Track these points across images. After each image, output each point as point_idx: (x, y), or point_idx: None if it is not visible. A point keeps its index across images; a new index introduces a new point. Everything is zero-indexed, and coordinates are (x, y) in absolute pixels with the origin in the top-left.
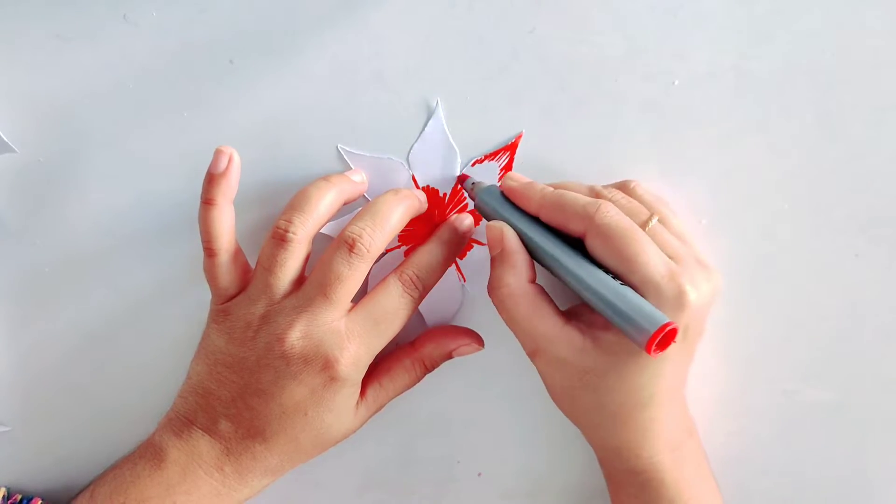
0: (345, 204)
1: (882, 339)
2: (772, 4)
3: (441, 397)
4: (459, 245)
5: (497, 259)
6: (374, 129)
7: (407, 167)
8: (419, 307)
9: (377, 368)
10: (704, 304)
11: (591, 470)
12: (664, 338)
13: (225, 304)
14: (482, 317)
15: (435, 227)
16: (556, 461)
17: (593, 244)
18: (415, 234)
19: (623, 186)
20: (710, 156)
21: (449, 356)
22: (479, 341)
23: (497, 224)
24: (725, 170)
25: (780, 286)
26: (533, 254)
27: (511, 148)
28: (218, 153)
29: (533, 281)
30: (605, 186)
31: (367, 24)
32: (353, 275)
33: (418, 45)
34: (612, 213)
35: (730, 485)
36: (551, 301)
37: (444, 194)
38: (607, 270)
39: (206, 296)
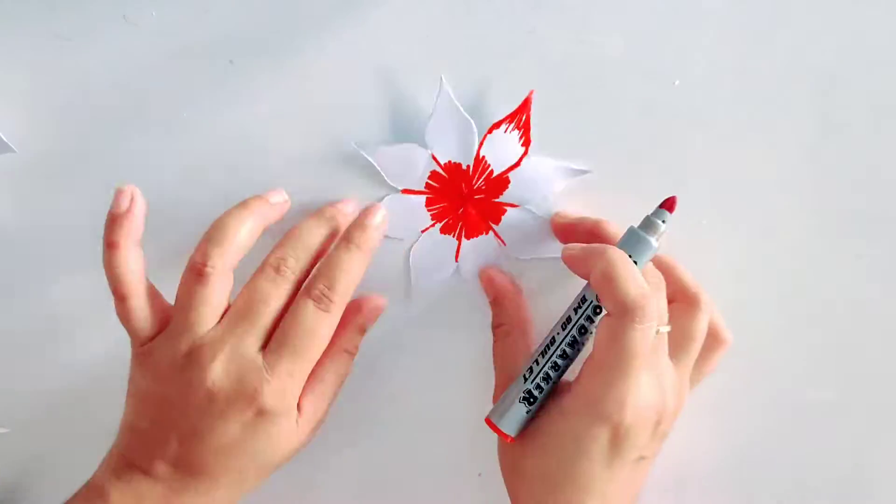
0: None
1: (882, 339)
2: (772, 4)
3: (440, 397)
4: (370, 242)
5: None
6: (374, 129)
7: (424, 147)
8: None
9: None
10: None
11: None
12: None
13: (145, 345)
14: (474, 305)
15: (464, 199)
16: None
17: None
18: (446, 210)
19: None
20: (710, 156)
21: (363, 331)
22: (379, 300)
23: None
24: (725, 170)
25: (780, 286)
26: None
27: (524, 108)
28: (118, 193)
29: None
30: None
31: (367, 24)
32: (277, 294)
33: (418, 45)
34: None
35: (729, 484)
36: None
37: (468, 166)
38: (566, 358)
39: None
